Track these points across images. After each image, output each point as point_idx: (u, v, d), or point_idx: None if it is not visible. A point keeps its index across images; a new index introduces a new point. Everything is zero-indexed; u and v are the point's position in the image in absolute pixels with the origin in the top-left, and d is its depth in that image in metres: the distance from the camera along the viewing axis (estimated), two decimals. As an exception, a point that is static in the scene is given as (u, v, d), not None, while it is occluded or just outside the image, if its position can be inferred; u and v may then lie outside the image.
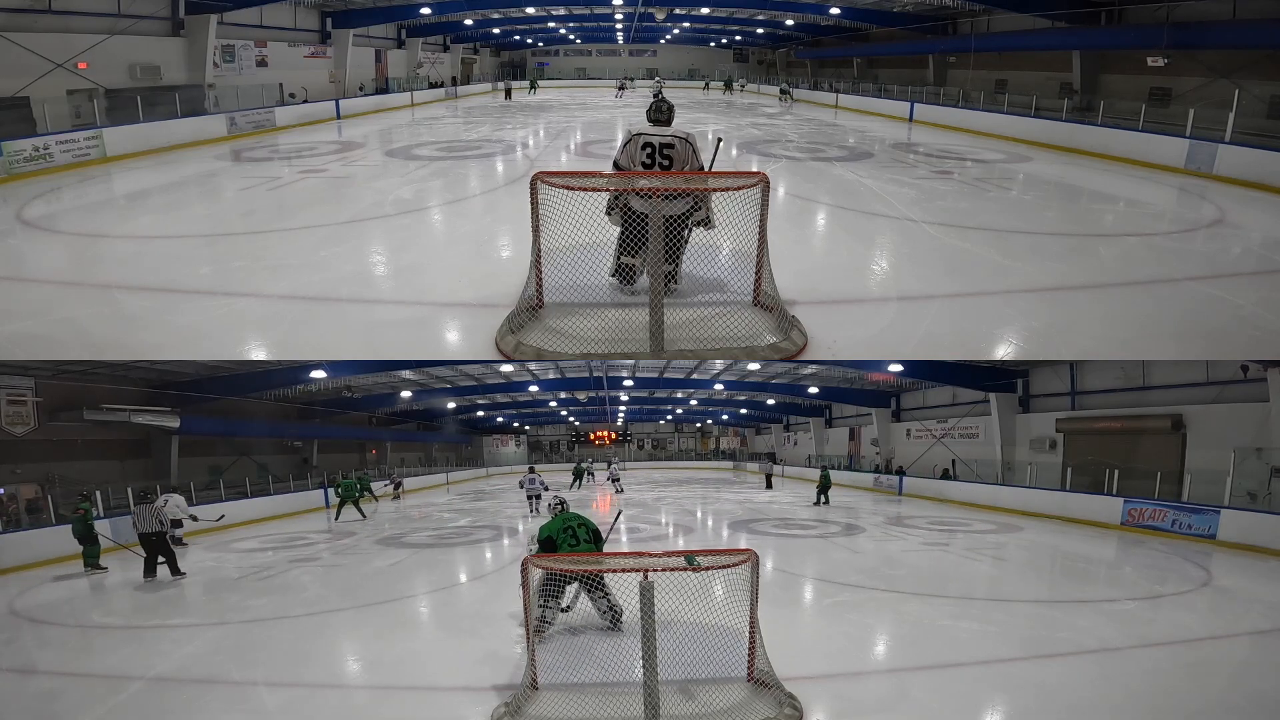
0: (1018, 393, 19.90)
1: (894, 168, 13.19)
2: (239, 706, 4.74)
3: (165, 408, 18.22)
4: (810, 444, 34.23)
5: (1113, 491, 13.61)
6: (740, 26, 42.97)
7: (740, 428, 47.18)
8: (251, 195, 10.95)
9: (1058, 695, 4.73)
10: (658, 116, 5.34)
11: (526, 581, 4.44)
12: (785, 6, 33.55)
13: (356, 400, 27.22)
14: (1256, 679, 5.18)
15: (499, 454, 44.22)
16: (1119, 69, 21.77)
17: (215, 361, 16.84)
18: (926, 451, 23.74)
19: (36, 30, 17.33)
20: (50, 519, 12.10)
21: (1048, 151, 15.34)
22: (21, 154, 12.37)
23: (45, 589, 8.78)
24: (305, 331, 5.61)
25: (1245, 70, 17.46)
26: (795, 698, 4.46)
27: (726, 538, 12.68)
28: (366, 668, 5.56)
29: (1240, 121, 12.62)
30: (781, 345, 4.95)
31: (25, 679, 5.43)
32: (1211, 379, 14.58)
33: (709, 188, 5.12)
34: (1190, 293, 6.34)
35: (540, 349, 4.89)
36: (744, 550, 4.44)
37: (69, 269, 7.27)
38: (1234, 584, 8.36)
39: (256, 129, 18.50)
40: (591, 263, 5.33)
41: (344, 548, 11.71)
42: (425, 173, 12.48)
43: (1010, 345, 5.45)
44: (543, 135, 18.81)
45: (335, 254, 7.28)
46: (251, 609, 7.40)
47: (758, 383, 28.98)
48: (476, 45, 44.63)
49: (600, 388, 29.94)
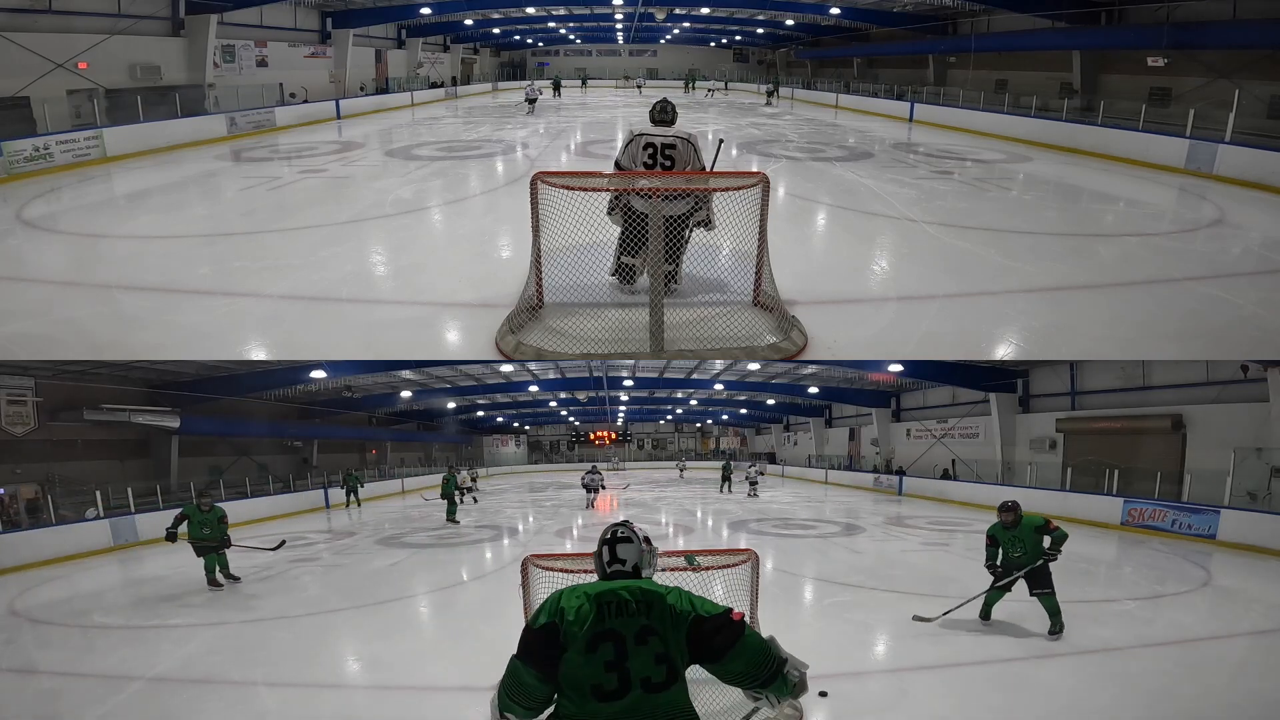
0: (1018, 393, 19.90)
1: (894, 168, 13.18)
2: (239, 706, 4.73)
3: (165, 408, 18.23)
4: (810, 444, 34.24)
5: (1113, 491, 13.60)
6: (740, 26, 43.01)
7: (740, 428, 47.19)
8: (251, 195, 10.95)
9: (1058, 695, 4.73)
10: (661, 117, 5.33)
11: (527, 581, 4.44)
12: (785, 6, 33.57)
13: (356, 400, 27.22)
14: (1256, 679, 5.17)
15: (499, 454, 44.23)
16: (1119, 69, 21.77)
17: (215, 361, 16.84)
18: (926, 451, 23.73)
19: (36, 30, 17.33)
20: (50, 519, 12.10)
21: (1048, 151, 15.34)
22: (21, 154, 12.37)
23: (45, 589, 8.77)
24: (305, 331, 5.60)
25: (1245, 70, 17.46)
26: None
27: (726, 538, 12.68)
28: (366, 668, 5.56)
29: (1240, 121, 12.61)
30: (781, 345, 4.95)
31: (25, 679, 5.43)
32: (1211, 379, 14.58)
33: (709, 188, 5.12)
34: (1190, 293, 6.33)
35: (540, 349, 4.89)
36: (744, 550, 4.45)
37: (69, 269, 7.27)
38: (1234, 584, 8.35)
39: (256, 129, 18.49)
40: (591, 263, 5.33)
41: (344, 548, 11.71)
42: (425, 173, 12.48)
43: (1010, 345, 5.45)
44: (543, 135, 18.81)
45: (335, 254, 7.27)
46: (251, 609, 7.39)
47: (758, 383, 28.97)
48: (476, 45, 44.62)
49: (600, 388, 29.94)
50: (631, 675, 2.20)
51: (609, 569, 2.44)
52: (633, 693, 2.20)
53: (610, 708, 2.19)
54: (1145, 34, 19.51)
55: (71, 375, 16.13)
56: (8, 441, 15.30)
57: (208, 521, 8.37)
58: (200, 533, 8.36)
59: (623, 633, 2.22)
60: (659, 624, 2.24)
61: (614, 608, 2.26)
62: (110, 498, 13.01)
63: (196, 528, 8.37)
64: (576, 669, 2.20)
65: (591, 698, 2.20)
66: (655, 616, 2.26)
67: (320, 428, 27.15)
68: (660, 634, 2.23)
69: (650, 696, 2.21)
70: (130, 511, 13.12)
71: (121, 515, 12.74)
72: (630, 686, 2.19)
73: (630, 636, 2.22)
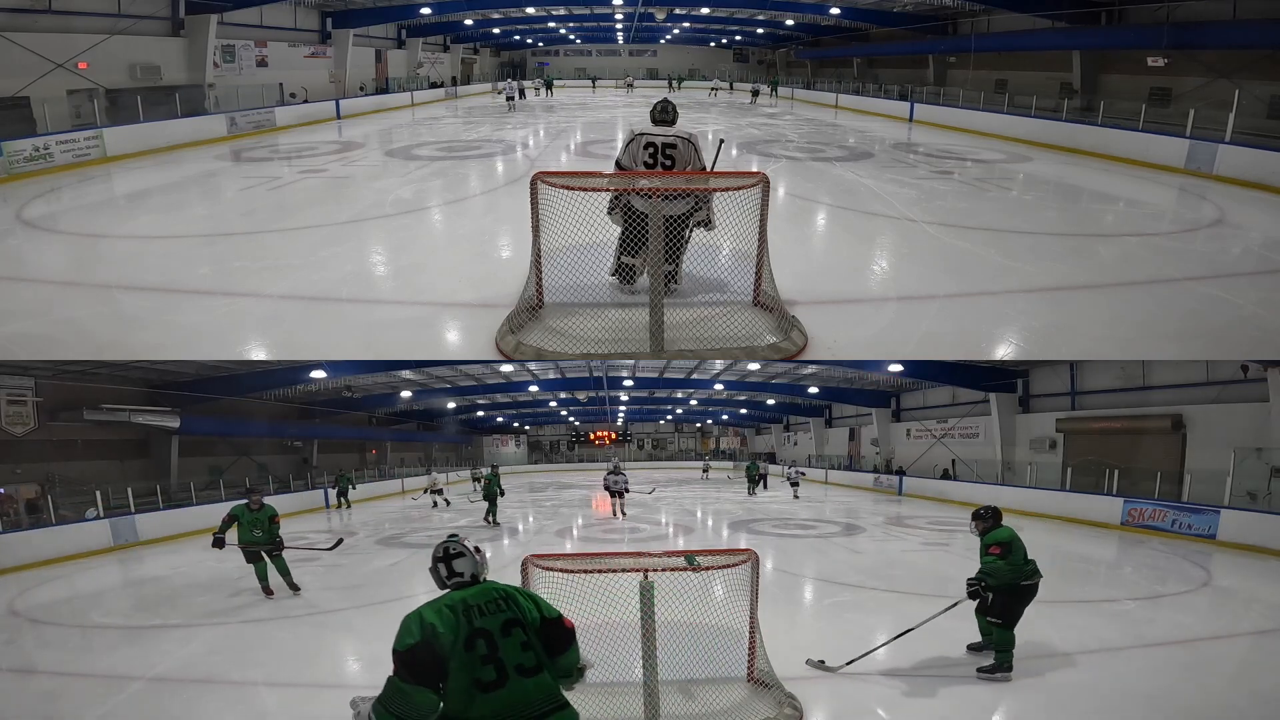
0: (1018, 393, 19.90)
1: (894, 168, 13.18)
2: (239, 706, 4.73)
3: (165, 408, 18.23)
4: (810, 444, 34.23)
5: (1113, 491, 13.60)
6: (740, 26, 43.03)
7: (740, 428, 47.17)
8: (251, 195, 10.95)
9: (1057, 695, 4.73)
10: (662, 117, 5.33)
11: (527, 582, 4.43)
12: (785, 6, 33.58)
13: (356, 400, 27.22)
14: (1256, 679, 5.17)
15: (499, 454, 44.23)
16: (1119, 69, 21.77)
17: (215, 361, 16.85)
18: (926, 451, 23.74)
19: (36, 30, 17.33)
20: (50, 519, 12.10)
21: (1048, 151, 15.33)
22: (21, 154, 12.37)
23: (45, 589, 8.77)
24: (305, 331, 5.60)
25: (1245, 70, 17.46)
26: (795, 698, 4.46)
27: (726, 538, 12.68)
28: (366, 668, 5.54)
29: (1240, 121, 12.60)
30: (781, 345, 4.95)
31: (25, 679, 5.43)
32: (1211, 379, 14.58)
33: (709, 188, 5.12)
34: (1190, 293, 6.33)
35: (540, 349, 4.88)
36: (744, 550, 4.44)
37: (69, 269, 7.27)
38: (1234, 584, 8.35)
39: (256, 129, 18.50)
40: (591, 263, 5.33)
41: (344, 548, 11.68)
42: (425, 173, 12.48)
43: (1010, 345, 5.45)
44: (543, 135, 18.81)
45: (335, 254, 7.27)
46: (251, 609, 7.39)
47: (758, 383, 28.97)
48: (476, 45, 44.64)
49: (600, 388, 29.94)
50: (506, 664, 2.48)
51: (448, 582, 2.71)
52: (510, 680, 2.48)
53: (493, 697, 2.45)
54: (1145, 34, 19.52)
55: (71, 375, 16.13)
56: (8, 441, 15.30)
57: (258, 521, 7.63)
58: (251, 535, 7.62)
59: (490, 629, 2.52)
60: (519, 615, 2.58)
61: (477, 610, 2.54)
62: (110, 498, 13.01)
63: (247, 530, 7.61)
64: (459, 670, 2.45)
65: (475, 691, 2.44)
66: (513, 610, 2.58)
67: (320, 428, 27.16)
68: (521, 624, 2.56)
69: (524, 681, 2.49)
70: (130, 511, 13.12)
71: (121, 515, 12.74)
72: (507, 675, 2.48)
73: (497, 630, 2.52)
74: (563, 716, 2.57)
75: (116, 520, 12.39)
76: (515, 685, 2.48)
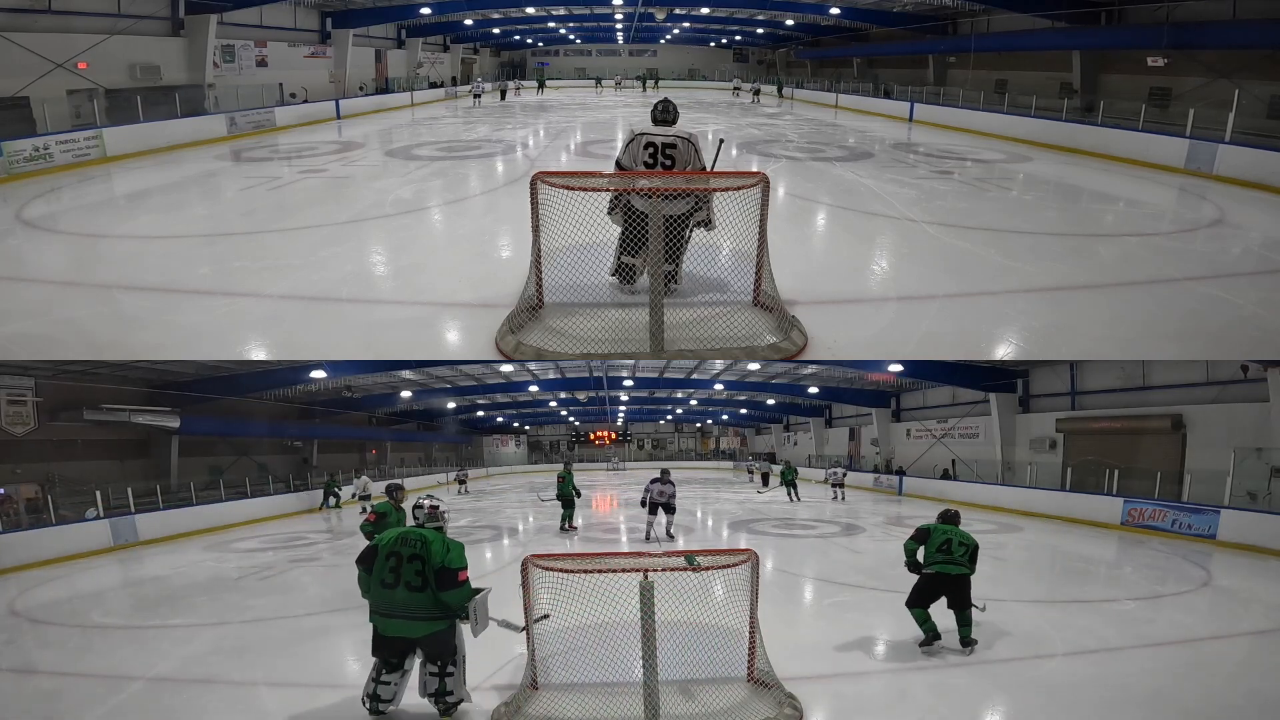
0: (1018, 393, 19.91)
1: (894, 168, 13.18)
2: (239, 706, 4.73)
3: (165, 408, 18.24)
4: (810, 444, 34.23)
5: (1113, 491, 13.61)
6: (740, 26, 43.03)
7: (740, 428, 47.20)
8: (251, 195, 10.95)
9: (1058, 695, 4.73)
10: (663, 117, 5.33)
11: (527, 581, 4.43)
12: (785, 6, 33.59)
13: (356, 400, 27.23)
14: (1256, 679, 5.17)
15: (499, 454, 44.25)
16: (1119, 69, 21.78)
17: (215, 361, 16.85)
18: (926, 451, 23.74)
19: (36, 30, 17.33)
20: (50, 519, 12.10)
21: (1048, 151, 15.34)
22: (21, 154, 12.37)
23: (45, 589, 8.77)
24: (305, 331, 5.60)
25: (1245, 70, 17.46)
26: (795, 698, 4.46)
27: (726, 538, 12.68)
28: (366, 668, 5.54)
29: (1240, 121, 12.61)
30: (781, 345, 4.95)
31: (25, 679, 5.43)
32: (1211, 379, 14.58)
33: (709, 188, 5.11)
34: (1190, 293, 6.33)
35: (540, 349, 4.88)
36: (744, 550, 4.44)
37: (69, 269, 7.26)
38: (1234, 584, 8.35)
39: (256, 129, 18.50)
40: (591, 263, 5.33)
41: (344, 548, 11.69)
42: (425, 173, 12.48)
43: (1010, 345, 5.45)
44: (543, 135, 18.80)
45: (335, 254, 7.27)
46: (251, 609, 7.39)
47: (758, 383, 28.98)
48: (476, 45, 44.65)
49: (600, 388, 29.95)
50: (401, 578, 4.13)
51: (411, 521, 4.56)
52: (399, 588, 4.13)
53: (388, 594, 4.15)
54: (1145, 34, 19.52)
55: (71, 375, 16.13)
56: (8, 441, 15.30)
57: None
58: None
59: (401, 554, 4.18)
60: (423, 555, 4.14)
61: (399, 540, 4.23)
62: (110, 498, 13.01)
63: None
64: (378, 570, 4.20)
65: (379, 587, 4.19)
66: (421, 550, 4.15)
67: (320, 428, 27.17)
68: (423, 560, 4.13)
69: (410, 594, 4.12)
70: (130, 512, 13.12)
71: (121, 515, 12.75)
72: (399, 583, 4.13)
73: (405, 557, 4.16)
74: (432, 625, 4.15)
75: (116, 520, 12.39)
76: (400, 591, 4.12)
